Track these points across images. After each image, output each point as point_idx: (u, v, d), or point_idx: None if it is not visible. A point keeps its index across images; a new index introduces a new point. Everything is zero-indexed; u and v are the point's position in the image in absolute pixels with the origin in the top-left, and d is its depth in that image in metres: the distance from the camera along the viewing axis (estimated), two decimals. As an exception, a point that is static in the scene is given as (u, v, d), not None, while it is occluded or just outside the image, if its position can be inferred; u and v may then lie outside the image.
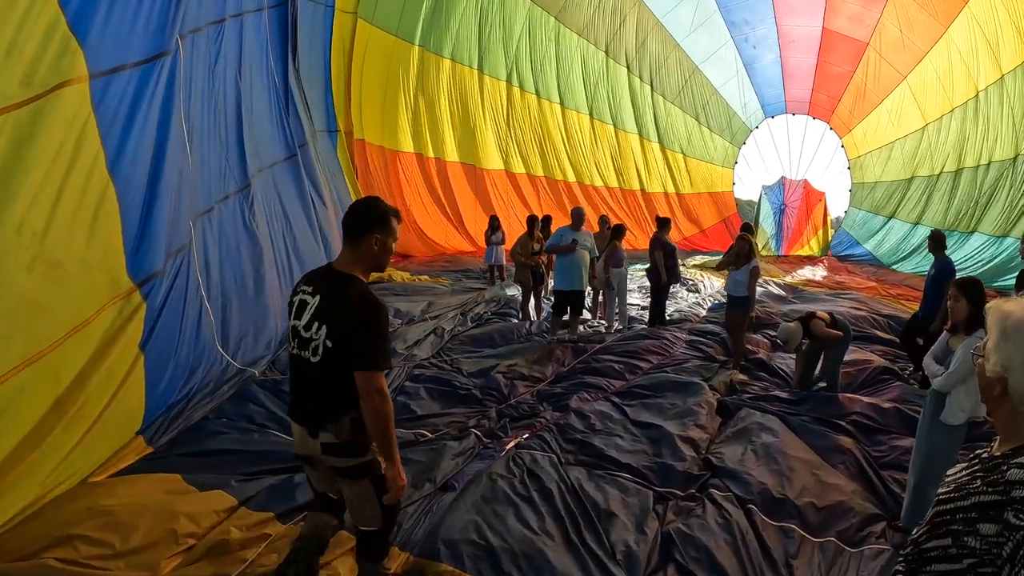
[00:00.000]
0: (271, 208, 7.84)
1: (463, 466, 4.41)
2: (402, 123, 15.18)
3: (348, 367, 2.55)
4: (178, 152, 5.11)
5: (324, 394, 2.64)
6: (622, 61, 20.09)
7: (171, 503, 3.63)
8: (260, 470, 4.18)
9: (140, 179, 4.54)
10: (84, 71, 3.87)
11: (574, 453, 4.60)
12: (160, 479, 3.95)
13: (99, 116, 4.03)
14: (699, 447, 4.72)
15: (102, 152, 4.08)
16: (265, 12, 8.22)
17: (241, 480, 4.01)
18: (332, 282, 2.67)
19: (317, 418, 2.66)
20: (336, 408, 2.63)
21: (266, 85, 8.34)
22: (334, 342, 2.56)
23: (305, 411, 2.71)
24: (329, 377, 2.59)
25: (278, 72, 8.79)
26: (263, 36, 8.22)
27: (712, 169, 23.71)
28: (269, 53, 8.46)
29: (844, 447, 4.80)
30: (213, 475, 4.03)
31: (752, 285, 6.91)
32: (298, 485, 3.87)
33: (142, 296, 4.53)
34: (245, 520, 3.60)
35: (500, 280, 12.17)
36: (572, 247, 7.79)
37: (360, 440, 2.65)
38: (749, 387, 6.31)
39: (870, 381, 6.61)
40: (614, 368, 6.54)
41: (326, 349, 2.57)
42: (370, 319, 2.56)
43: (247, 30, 7.62)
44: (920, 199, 17.02)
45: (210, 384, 5.30)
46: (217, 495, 3.78)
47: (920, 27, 16.09)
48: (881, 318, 9.54)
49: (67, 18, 3.74)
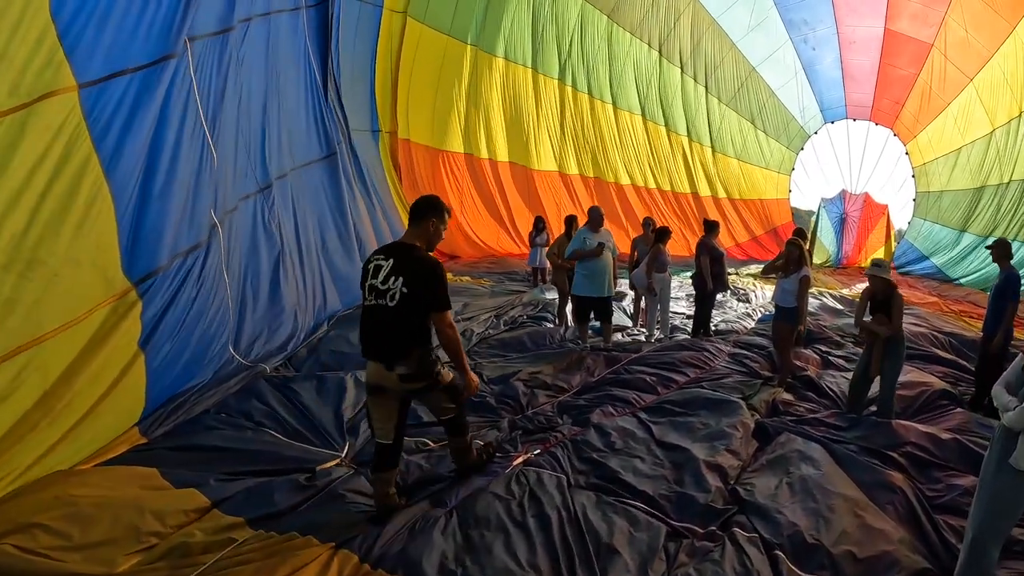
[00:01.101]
0: (301, 207, 7.84)
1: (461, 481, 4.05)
2: (452, 123, 15.10)
3: (419, 310, 3.48)
4: (193, 152, 5.23)
5: (397, 334, 3.50)
6: (676, 61, 19.56)
7: (141, 498, 3.57)
8: (243, 470, 4.07)
9: (140, 179, 4.60)
10: (71, 82, 3.95)
11: (586, 475, 4.19)
12: (137, 472, 3.88)
13: (91, 122, 4.11)
14: (727, 476, 4.25)
15: (95, 156, 4.15)
16: (303, 11, 8.19)
17: (221, 479, 3.91)
18: (400, 250, 3.60)
19: (392, 354, 3.51)
20: (407, 345, 3.50)
21: (303, 84, 8.32)
22: (409, 288, 3.44)
23: (381, 350, 3.54)
24: (402, 318, 3.46)
25: (318, 71, 8.76)
26: (300, 35, 8.21)
27: (767, 175, 22.88)
28: (308, 52, 8.40)
29: (894, 484, 4.25)
30: (192, 472, 3.95)
31: (802, 295, 6.37)
32: (278, 489, 3.81)
33: (138, 294, 4.57)
34: (213, 523, 3.49)
35: (543, 283, 11.92)
36: (599, 251, 7.37)
37: (426, 367, 3.56)
38: (793, 408, 5.80)
39: (927, 406, 6.02)
40: (646, 381, 6.10)
41: (402, 295, 3.44)
42: (435, 273, 3.52)
43: (282, 29, 7.60)
44: (988, 209, 16.04)
45: (215, 378, 5.29)
46: (190, 494, 3.69)
47: (986, 26, 15.24)
48: (942, 336, 8.82)
49: (57, 28, 3.83)
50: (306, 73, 8.43)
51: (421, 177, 14.51)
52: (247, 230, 6.53)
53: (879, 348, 5.38)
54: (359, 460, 4.44)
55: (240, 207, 6.40)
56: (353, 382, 5.58)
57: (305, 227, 7.84)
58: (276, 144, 7.33)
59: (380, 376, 3.53)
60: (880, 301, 5.44)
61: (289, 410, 5.04)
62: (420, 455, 4.44)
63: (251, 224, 6.64)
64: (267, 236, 6.89)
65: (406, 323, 3.47)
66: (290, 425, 4.83)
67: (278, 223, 7.16)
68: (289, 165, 7.69)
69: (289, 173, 7.68)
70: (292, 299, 7.05)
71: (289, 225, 7.48)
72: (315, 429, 4.80)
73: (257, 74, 6.86)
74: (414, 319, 3.48)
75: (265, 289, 6.65)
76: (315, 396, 5.30)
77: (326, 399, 5.27)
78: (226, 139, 6.01)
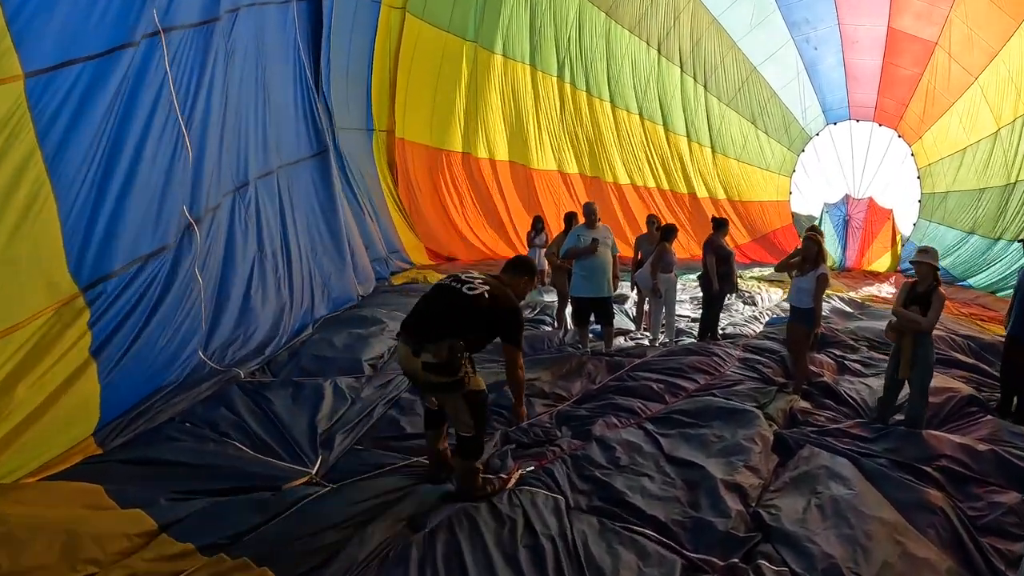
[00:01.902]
0: (289, 205, 7.57)
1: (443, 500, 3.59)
2: (449, 121, 14.87)
3: (486, 322, 3.60)
4: (164, 150, 4.95)
5: (448, 318, 3.49)
6: (675, 60, 19.13)
7: (81, 520, 3.18)
8: (199, 488, 3.67)
9: (93, 178, 4.30)
10: (17, 70, 3.67)
11: (588, 496, 3.72)
12: (80, 489, 3.49)
13: (36, 114, 3.82)
14: (748, 497, 3.75)
15: (38, 151, 3.84)
16: (293, 5, 7.88)
17: (173, 499, 3.51)
18: (495, 276, 3.86)
19: (426, 335, 3.43)
20: (446, 333, 3.41)
21: (293, 79, 8.03)
22: (491, 296, 3.57)
23: (419, 327, 3.50)
24: (467, 311, 3.52)
25: (308, 66, 8.45)
26: (291, 28, 7.90)
27: (768, 176, 22.42)
28: (298, 46, 8.05)
29: (934, 504, 3.78)
30: (142, 489, 3.55)
31: (819, 295, 5.88)
32: (235, 510, 3.39)
33: (87, 301, 4.24)
34: (158, 550, 3.08)
35: (542, 285, 11.43)
36: (593, 248, 6.91)
37: (453, 362, 3.39)
38: (813, 417, 5.31)
39: (956, 414, 5.54)
40: (652, 388, 5.64)
41: (484, 294, 3.56)
42: (517, 311, 3.78)
43: (271, 21, 7.31)
44: (996, 210, 15.62)
45: (182, 384, 4.97)
46: (136, 515, 3.27)
47: (991, 23, 14.88)
48: (960, 338, 8.32)
49: (5, 12, 3.55)
50: (296, 68, 8.12)
51: (416, 177, 14.28)
52: (228, 229, 6.23)
53: (908, 347, 4.92)
54: (332, 477, 3.97)
55: (223, 204, 6.11)
56: (332, 389, 5.16)
57: (293, 226, 7.55)
58: (261, 141, 7.05)
59: (407, 361, 3.51)
60: (920, 295, 4.99)
61: (259, 420, 4.63)
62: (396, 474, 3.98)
63: (231, 223, 6.30)
64: (247, 236, 6.57)
65: (466, 315, 3.51)
66: (258, 437, 4.40)
67: (263, 221, 6.88)
68: (276, 162, 7.41)
69: (277, 170, 7.40)
70: (275, 301, 6.77)
71: (275, 224, 7.20)
72: (285, 442, 4.36)
73: (246, 67, 6.58)
74: (475, 319, 3.54)
75: (244, 291, 6.34)
76: (290, 404, 4.89)
77: (301, 408, 4.85)
78: (211, 135, 5.71)
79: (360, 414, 4.85)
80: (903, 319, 4.99)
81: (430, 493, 3.66)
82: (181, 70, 5.17)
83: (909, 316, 4.93)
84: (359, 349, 6.41)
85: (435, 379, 3.46)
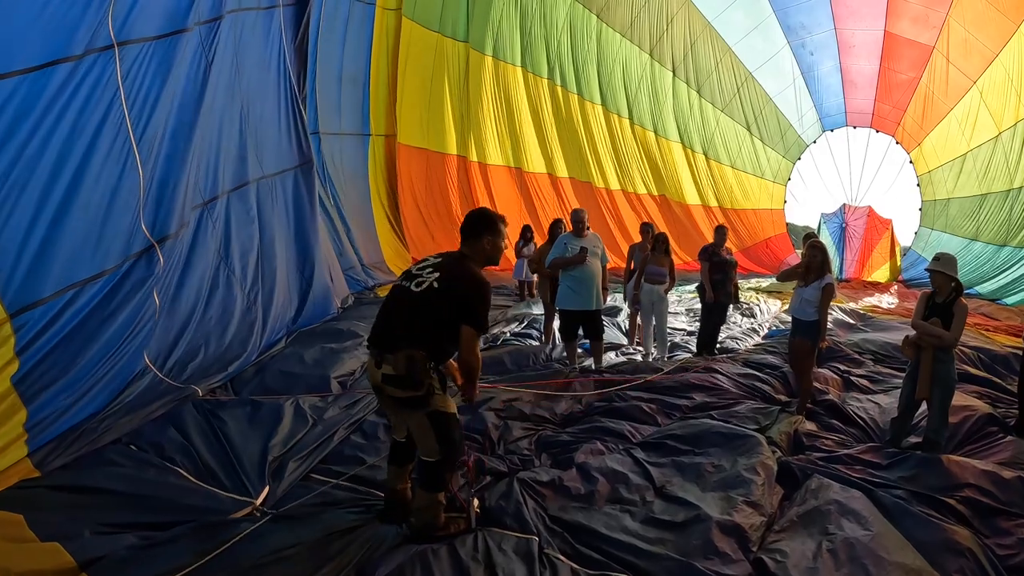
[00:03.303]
0: (268, 218, 7.24)
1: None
2: (444, 124, 14.72)
3: (442, 312, 3.11)
4: (110, 171, 4.58)
5: (401, 323, 3.14)
6: (668, 65, 18.81)
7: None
8: (129, 521, 3.30)
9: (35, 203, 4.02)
10: None
11: (562, 537, 3.24)
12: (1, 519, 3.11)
13: None
14: (748, 540, 3.25)
15: None
16: (279, 10, 7.47)
17: (99, 532, 3.14)
18: (452, 255, 3.36)
19: (384, 347, 3.13)
20: (400, 341, 3.08)
21: (276, 88, 7.63)
22: (441, 284, 3.13)
23: (379, 339, 3.19)
24: (418, 309, 3.13)
25: (294, 74, 8.08)
26: (276, 36, 7.51)
27: (763, 184, 22.04)
28: (284, 54, 7.69)
29: (961, 544, 3.32)
30: (68, 520, 3.19)
31: (824, 307, 5.44)
32: (165, 547, 3.04)
33: (13, 328, 3.89)
34: None
35: (530, 297, 11.14)
36: (582, 257, 6.47)
37: (413, 375, 3.05)
38: (820, 441, 4.84)
39: (974, 435, 5.09)
40: (643, 409, 5.19)
41: (432, 287, 3.13)
42: (479, 288, 3.18)
43: (252, 30, 6.91)
44: (1000, 216, 15.32)
45: (134, 402, 4.60)
46: (54, 550, 2.91)
47: (989, 25, 14.66)
48: (969, 350, 7.86)
49: None
50: (281, 76, 7.71)
51: (415, 181, 14.09)
52: (192, 243, 5.85)
53: (927, 364, 4.47)
54: (281, 509, 3.54)
55: (191, 220, 5.78)
56: (292, 410, 4.74)
57: (269, 238, 7.17)
58: (236, 152, 6.71)
59: (372, 374, 3.19)
60: (938, 306, 4.55)
61: (209, 443, 4.20)
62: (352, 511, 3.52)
63: (195, 237, 5.93)
64: (214, 250, 6.21)
65: (419, 316, 3.12)
66: (204, 463, 3.98)
67: (233, 235, 6.54)
68: (257, 173, 7.07)
69: (256, 181, 7.04)
70: (243, 317, 6.38)
71: (247, 237, 6.81)
72: (231, 468, 3.93)
73: (222, 78, 6.22)
74: (430, 317, 3.11)
75: (205, 307, 5.95)
76: (244, 426, 4.45)
77: (256, 430, 4.41)
78: (176, 151, 5.38)
79: (319, 438, 4.40)
80: (924, 333, 4.54)
81: (382, 534, 3.19)
82: (137, 85, 4.80)
83: (931, 330, 4.49)
84: (329, 365, 5.98)
85: (397, 393, 3.10)
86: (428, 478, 3.20)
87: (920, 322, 4.60)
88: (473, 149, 15.42)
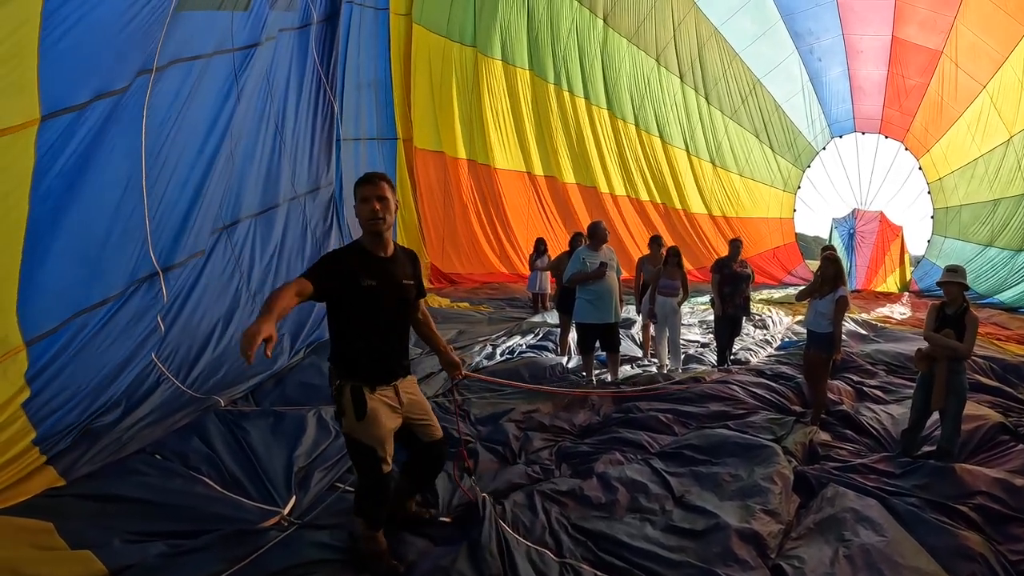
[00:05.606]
0: (295, 233, 7.29)
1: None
2: (453, 127, 14.92)
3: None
4: (127, 198, 4.56)
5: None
6: (675, 70, 18.82)
7: (24, 561, 2.92)
8: (157, 530, 3.35)
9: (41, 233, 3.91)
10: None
11: (584, 546, 3.32)
12: (28, 526, 3.19)
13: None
14: (767, 547, 3.35)
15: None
16: (312, 27, 7.50)
17: (128, 540, 3.18)
18: None
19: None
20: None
21: (309, 108, 7.63)
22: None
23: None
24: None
25: (330, 90, 8.15)
26: (309, 54, 7.51)
27: (772, 193, 21.97)
28: (318, 71, 7.74)
29: (973, 550, 3.40)
30: (96, 529, 3.23)
31: (838, 319, 5.51)
32: (194, 557, 3.08)
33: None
34: None
35: (545, 310, 11.22)
36: (601, 272, 6.51)
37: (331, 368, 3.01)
38: (835, 451, 4.91)
39: (986, 444, 5.13)
40: (660, 419, 5.26)
41: None
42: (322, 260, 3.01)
43: (286, 50, 6.93)
44: (1014, 221, 15.22)
45: (159, 412, 4.67)
46: (85, 558, 2.97)
47: (998, 29, 14.58)
48: (981, 359, 7.90)
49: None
50: (314, 94, 7.72)
51: (431, 185, 14.30)
52: (210, 271, 5.89)
53: (942, 375, 4.53)
54: (307, 518, 3.62)
55: (210, 243, 5.86)
56: (315, 421, 4.80)
57: (292, 254, 7.21)
58: (265, 176, 6.75)
59: None
60: (949, 317, 4.62)
61: (233, 453, 4.26)
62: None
63: (214, 263, 5.99)
64: (235, 272, 6.31)
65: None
66: (229, 473, 4.04)
67: (258, 255, 6.63)
68: (289, 194, 7.12)
69: (285, 202, 7.09)
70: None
71: (273, 255, 6.89)
72: (257, 478, 4.00)
73: (253, 101, 6.26)
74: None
75: (225, 327, 5.98)
76: (268, 437, 4.51)
77: (280, 441, 4.48)
78: (192, 178, 5.35)
79: (343, 449, 4.48)
80: (938, 345, 4.60)
81: (409, 543, 3.27)
82: (156, 112, 4.76)
83: (945, 342, 4.55)
84: (349, 377, 6.05)
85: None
86: (356, 501, 3.18)
87: (933, 334, 4.66)
88: (481, 152, 15.57)
